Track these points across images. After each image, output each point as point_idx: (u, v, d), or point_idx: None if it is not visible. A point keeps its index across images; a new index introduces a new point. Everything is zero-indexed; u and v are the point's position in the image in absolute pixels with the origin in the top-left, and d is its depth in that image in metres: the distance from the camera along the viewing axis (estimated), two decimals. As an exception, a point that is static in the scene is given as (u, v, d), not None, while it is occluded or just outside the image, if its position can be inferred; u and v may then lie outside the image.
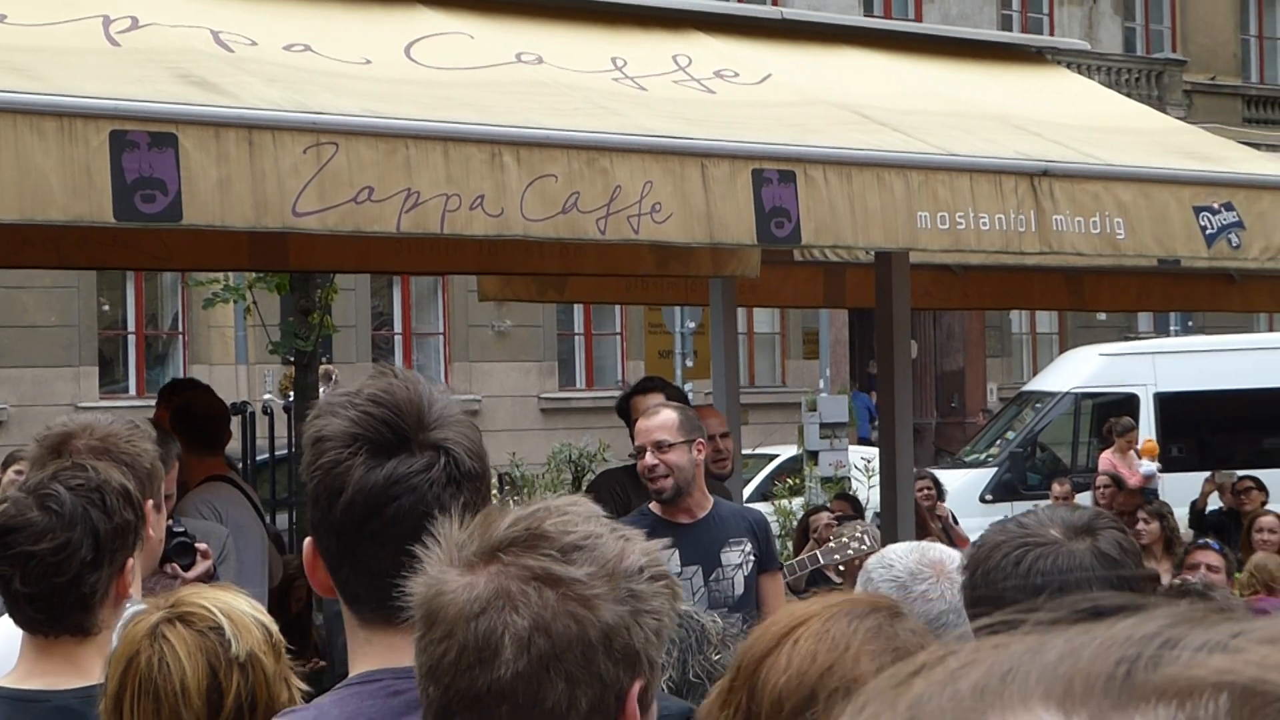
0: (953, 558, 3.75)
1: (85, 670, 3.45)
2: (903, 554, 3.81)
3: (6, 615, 3.66)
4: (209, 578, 5.28)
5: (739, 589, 6.98)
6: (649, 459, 6.97)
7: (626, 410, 8.29)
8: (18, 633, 3.58)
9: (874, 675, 2.09)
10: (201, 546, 5.04)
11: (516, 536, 2.06)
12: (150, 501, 3.79)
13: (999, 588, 2.98)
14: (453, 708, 2.06)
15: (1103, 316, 29.46)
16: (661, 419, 7.04)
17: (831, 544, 8.93)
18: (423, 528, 2.36)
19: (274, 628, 3.20)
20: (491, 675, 2.02)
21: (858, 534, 8.93)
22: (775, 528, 13.31)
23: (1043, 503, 16.00)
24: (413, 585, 2.10)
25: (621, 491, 7.83)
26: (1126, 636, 0.75)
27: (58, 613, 3.49)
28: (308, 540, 2.53)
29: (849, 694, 2.06)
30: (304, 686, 3.18)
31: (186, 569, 5.15)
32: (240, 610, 3.16)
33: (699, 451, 7.01)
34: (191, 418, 7.30)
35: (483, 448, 2.52)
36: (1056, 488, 17.62)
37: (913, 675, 0.77)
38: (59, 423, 4.17)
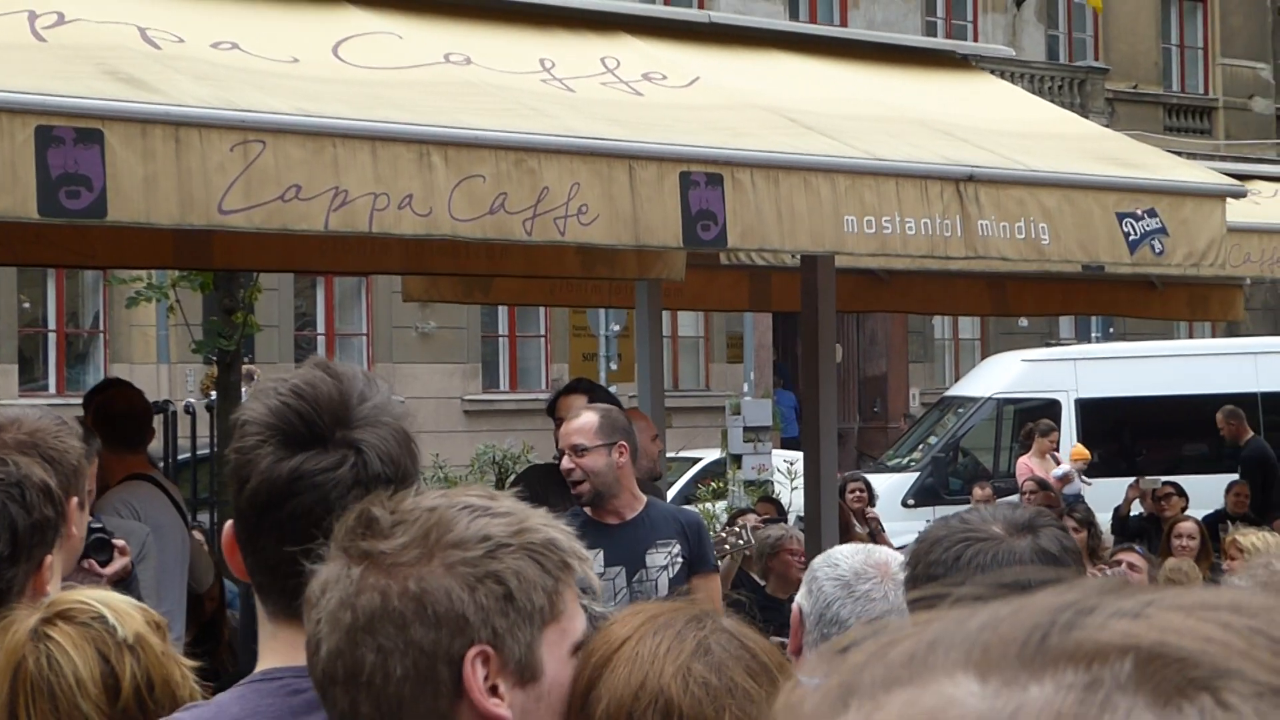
0: (897, 560, 3.77)
1: None
2: (848, 554, 3.84)
3: None
4: (126, 575, 5.25)
5: (662, 590, 6.98)
6: (565, 463, 6.99)
7: (555, 410, 8.30)
8: None
9: (681, 691, 2.10)
10: (119, 543, 5.01)
11: (352, 524, 2.10)
12: (74, 499, 3.76)
13: (939, 582, 3.00)
14: (324, 698, 2.11)
15: (1025, 323, 29.63)
16: (579, 423, 7.03)
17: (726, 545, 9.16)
18: (322, 526, 2.34)
19: (152, 610, 3.18)
20: (319, 659, 2.08)
21: (736, 530, 9.38)
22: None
23: (963, 508, 16.05)
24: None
25: (540, 490, 7.82)
26: (1044, 605, 0.79)
27: None
28: (228, 524, 2.52)
29: (665, 712, 2.08)
30: (191, 663, 3.16)
31: (104, 565, 5.10)
32: (115, 598, 3.15)
33: (620, 454, 6.99)
34: (111, 415, 7.22)
35: (405, 453, 2.47)
36: (978, 491, 17.70)
37: (846, 649, 0.80)
38: None
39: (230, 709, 2.42)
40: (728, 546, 8.97)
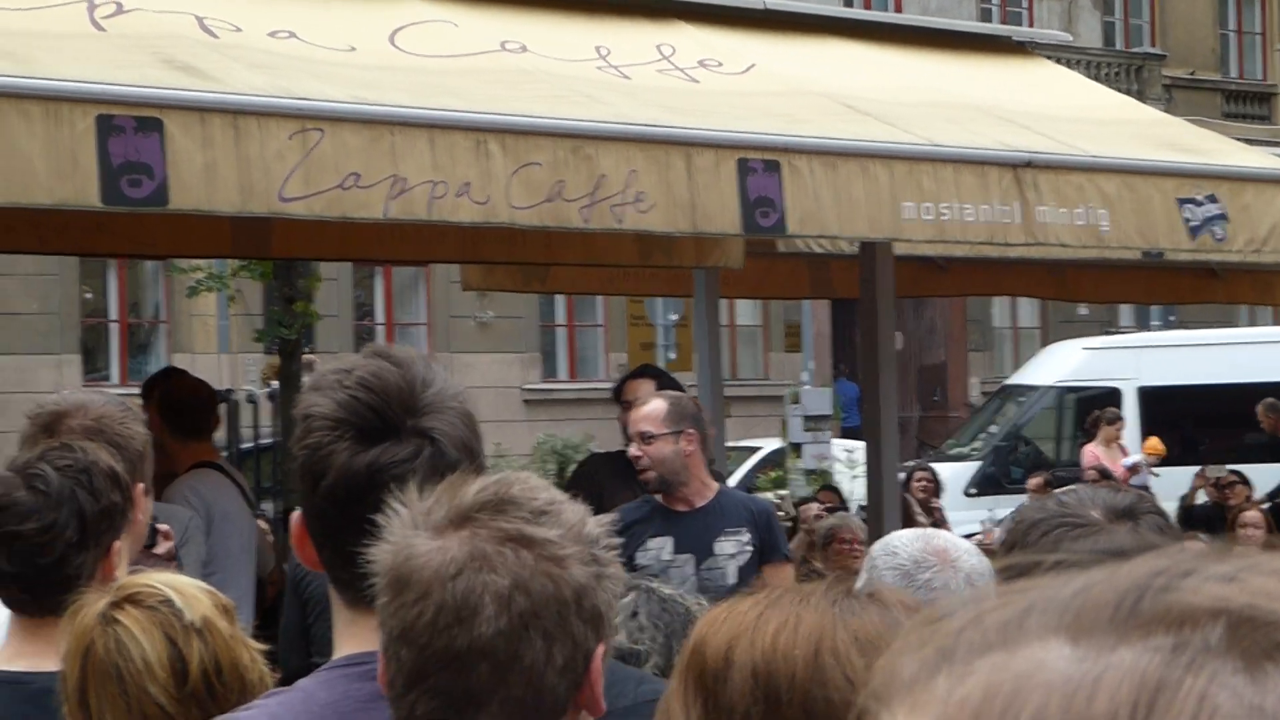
0: (957, 545, 3.69)
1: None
2: (907, 541, 3.72)
3: None
4: (171, 559, 5.27)
5: (730, 578, 6.98)
6: (633, 450, 7.03)
7: (616, 397, 8.32)
8: (6, 613, 3.58)
9: (856, 653, 2.09)
10: (163, 528, 5.03)
11: (486, 501, 2.10)
12: (140, 485, 3.78)
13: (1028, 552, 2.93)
14: (428, 669, 2.09)
15: (1084, 310, 29.48)
16: (647, 410, 7.07)
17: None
18: None
19: (220, 594, 3.19)
20: (472, 633, 2.06)
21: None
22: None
23: (1023, 498, 16.02)
24: (376, 552, 2.12)
25: (601, 480, 7.84)
26: (1139, 571, 0.80)
27: (41, 593, 3.48)
28: (295, 515, 2.52)
29: (836, 676, 2.06)
30: (260, 646, 3.18)
31: (148, 549, 5.13)
32: (184, 582, 3.16)
33: (688, 442, 7.01)
34: (177, 403, 7.25)
35: (474, 436, 2.49)
36: (1033, 481, 17.61)
37: (942, 618, 0.82)
38: (52, 400, 4.14)
39: (318, 695, 2.42)
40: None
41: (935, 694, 0.78)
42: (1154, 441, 20.19)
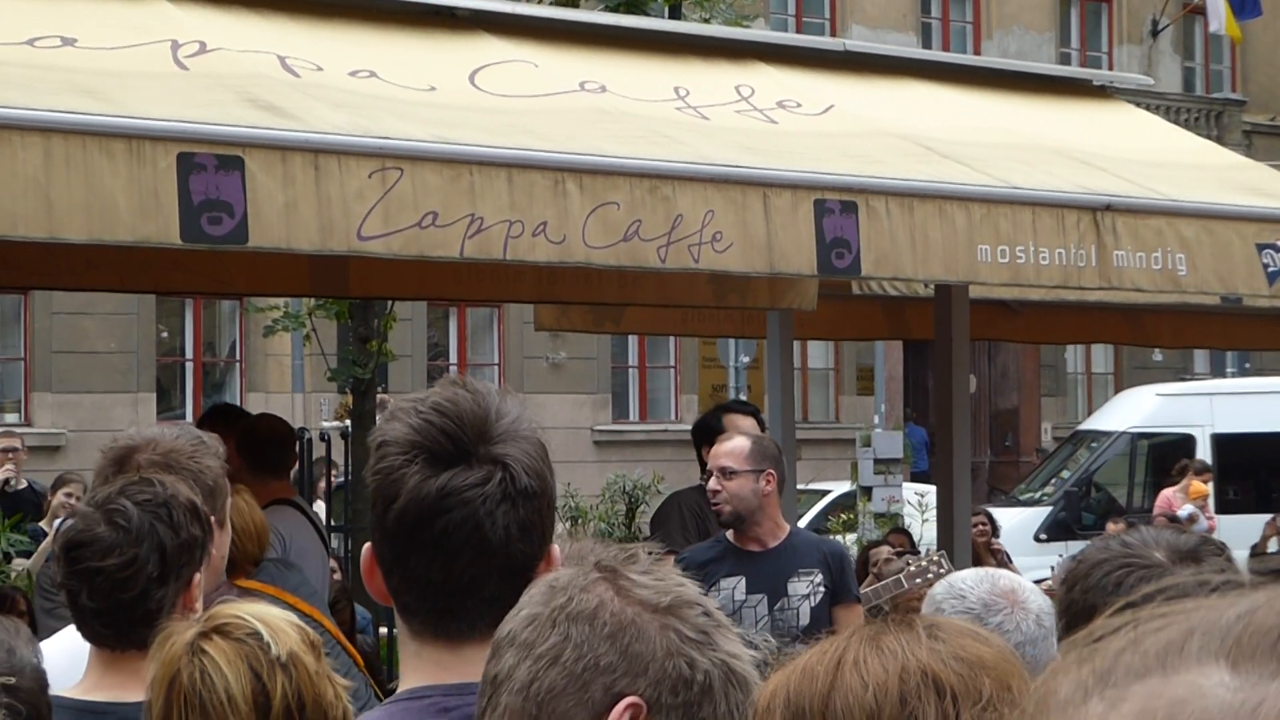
0: (1022, 585, 3.66)
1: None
2: (973, 583, 3.68)
3: (73, 626, 3.68)
4: None
5: (804, 619, 6.98)
6: (712, 483, 7.06)
7: (704, 428, 8.39)
8: (85, 644, 3.59)
9: (941, 665, 2.07)
10: None
11: (615, 552, 2.15)
12: (214, 517, 3.80)
13: (1096, 608, 2.90)
14: (495, 653, 2.10)
15: (1159, 356, 29.32)
16: (731, 446, 7.13)
17: (912, 568, 8.98)
18: (472, 542, 2.36)
19: (309, 629, 3.19)
20: (514, 617, 2.09)
21: (935, 558, 9.04)
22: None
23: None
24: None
25: (698, 511, 7.92)
26: None
27: (124, 628, 3.50)
28: (366, 546, 2.51)
29: (937, 688, 2.04)
30: (347, 683, 3.17)
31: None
32: (273, 614, 3.16)
33: (767, 482, 7.06)
34: (256, 441, 7.31)
35: (545, 466, 2.48)
36: (1111, 527, 17.50)
37: (1099, 640, 0.80)
38: (124, 435, 4.17)
39: None
40: (930, 575, 8.71)
41: (1089, 718, 0.76)
42: (1196, 485, 20.06)
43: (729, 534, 7.16)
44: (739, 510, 7.01)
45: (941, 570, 8.73)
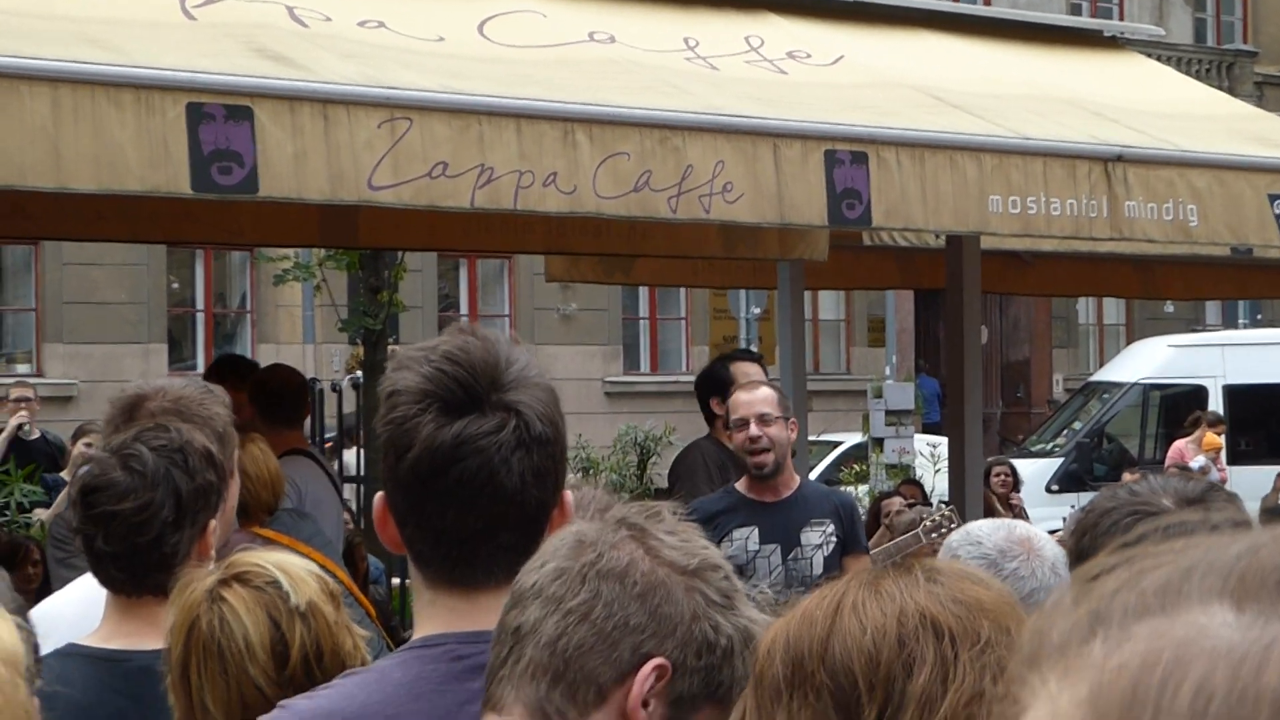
0: (1038, 535, 3.68)
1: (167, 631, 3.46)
2: (989, 531, 3.70)
3: (90, 575, 3.69)
4: None
5: (818, 569, 6.99)
6: (754, 429, 6.98)
7: (712, 379, 8.31)
8: (102, 593, 3.60)
9: (940, 608, 2.06)
10: None
11: (639, 508, 2.16)
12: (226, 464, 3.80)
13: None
14: (517, 604, 2.12)
15: (1170, 308, 29.28)
16: (765, 393, 7.13)
17: (928, 523, 8.96)
18: (487, 489, 2.36)
19: (329, 579, 3.19)
20: (538, 570, 2.12)
21: (945, 513, 8.99)
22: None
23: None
24: None
25: (720, 462, 7.89)
26: None
27: (139, 573, 3.51)
28: (379, 495, 2.51)
29: (935, 629, 2.03)
30: (365, 633, 3.18)
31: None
32: (294, 563, 3.15)
33: (792, 430, 7.08)
34: (269, 391, 7.31)
35: (556, 412, 2.48)
36: (1127, 476, 17.51)
37: (1096, 577, 0.78)
38: (133, 385, 4.19)
39: (393, 674, 2.41)
40: (944, 530, 8.69)
41: (1090, 659, 0.74)
42: (1209, 437, 20.04)
43: (740, 484, 7.15)
44: (778, 457, 7.01)
45: (953, 525, 8.69)
